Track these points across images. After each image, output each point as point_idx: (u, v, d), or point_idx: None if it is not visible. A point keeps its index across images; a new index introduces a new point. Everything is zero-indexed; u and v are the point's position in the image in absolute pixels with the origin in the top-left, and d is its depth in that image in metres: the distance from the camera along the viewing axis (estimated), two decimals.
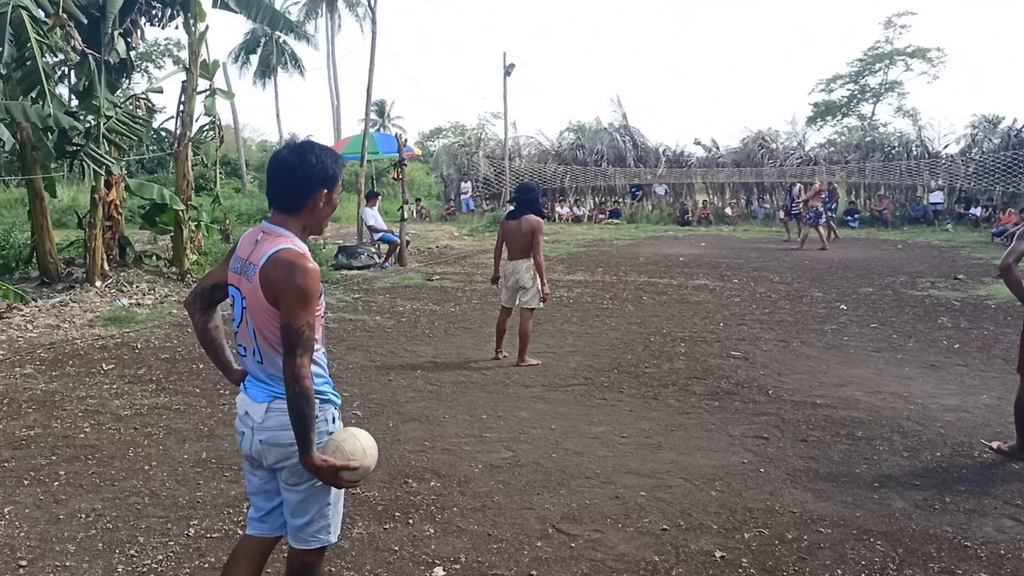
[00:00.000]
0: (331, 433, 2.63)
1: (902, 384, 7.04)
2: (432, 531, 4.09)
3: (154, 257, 13.65)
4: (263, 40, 46.05)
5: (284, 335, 2.45)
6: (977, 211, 25.00)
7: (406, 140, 20.33)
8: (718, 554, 3.85)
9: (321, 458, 2.46)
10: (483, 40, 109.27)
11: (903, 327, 9.58)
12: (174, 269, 12.89)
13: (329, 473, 2.47)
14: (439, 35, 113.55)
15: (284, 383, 2.45)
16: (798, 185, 23.29)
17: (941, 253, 18.11)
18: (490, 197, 32.38)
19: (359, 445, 2.56)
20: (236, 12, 13.20)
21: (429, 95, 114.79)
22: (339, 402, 2.74)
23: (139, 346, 8.46)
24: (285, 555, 3.24)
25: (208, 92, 13.62)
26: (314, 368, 2.52)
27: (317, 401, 2.52)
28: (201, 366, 7.59)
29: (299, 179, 2.56)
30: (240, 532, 4.05)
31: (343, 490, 2.72)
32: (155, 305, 10.90)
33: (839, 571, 3.70)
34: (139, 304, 10.87)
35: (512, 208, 8.02)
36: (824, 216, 19.68)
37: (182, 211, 12.70)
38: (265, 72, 47.49)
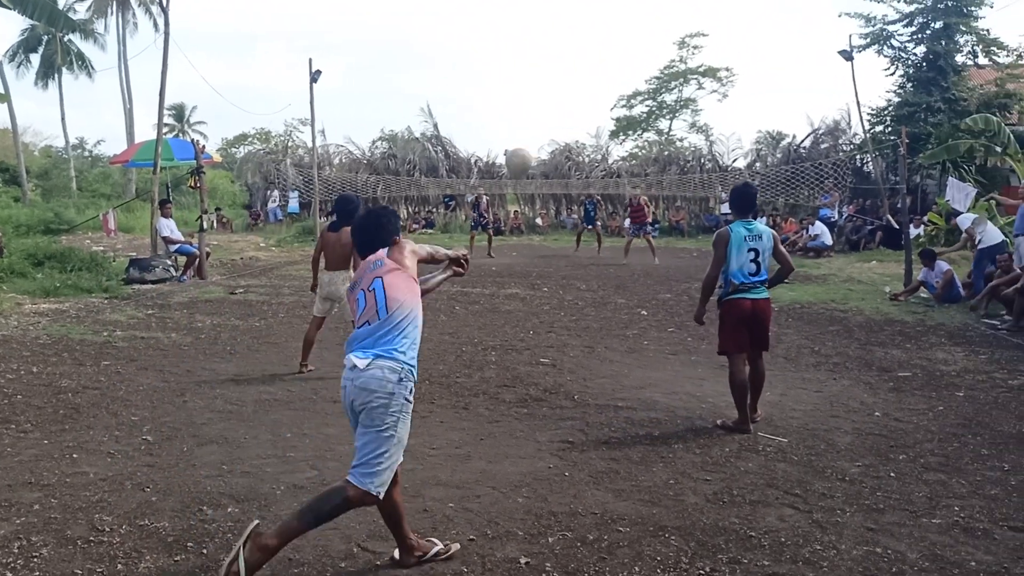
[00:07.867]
0: (410, 402, 3.63)
1: (695, 384, 7.45)
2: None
3: None
4: (45, 38, 42.32)
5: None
6: (763, 220, 27.00)
7: (204, 146, 19.33)
8: (523, 560, 3.88)
9: None
10: (288, 47, 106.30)
11: (697, 331, 10.09)
12: None
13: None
14: (242, 40, 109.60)
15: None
16: (484, 198, 22.66)
17: None
18: (301, 206, 31.40)
19: None
20: (9, 9, 12.08)
21: (229, 100, 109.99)
22: (416, 379, 3.70)
23: None
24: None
25: None
26: (410, 345, 3.66)
27: (406, 367, 3.61)
28: None
29: (382, 235, 3.82)
30: None
31: (398, 454, 3.62)
32: None
33: (637, 568, 3.82)
34: None
35: (333, 220, 7.91)
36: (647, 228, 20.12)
37: None
38: (48, 73, 43.47)
